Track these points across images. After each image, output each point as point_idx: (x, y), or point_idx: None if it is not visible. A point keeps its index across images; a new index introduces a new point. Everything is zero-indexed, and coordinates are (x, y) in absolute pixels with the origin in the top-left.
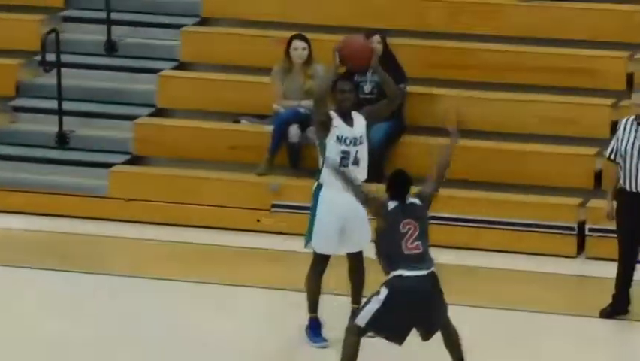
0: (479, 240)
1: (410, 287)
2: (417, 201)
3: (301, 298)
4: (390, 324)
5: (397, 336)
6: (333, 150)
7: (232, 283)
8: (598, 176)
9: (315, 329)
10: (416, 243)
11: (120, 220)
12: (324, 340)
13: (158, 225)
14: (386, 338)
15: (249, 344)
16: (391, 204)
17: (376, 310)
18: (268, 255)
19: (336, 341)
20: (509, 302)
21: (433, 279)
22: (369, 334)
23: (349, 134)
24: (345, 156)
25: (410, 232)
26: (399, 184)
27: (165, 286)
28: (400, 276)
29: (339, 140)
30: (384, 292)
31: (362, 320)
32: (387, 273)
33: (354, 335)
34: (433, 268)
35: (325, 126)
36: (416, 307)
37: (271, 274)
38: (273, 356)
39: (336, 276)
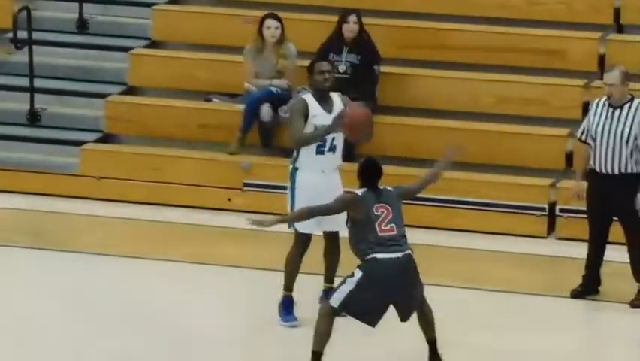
0: (450, 220)
1: (385, 270)
2: (389, 188)
3: (272, 277)
4: (364, 306)
5: (370, 318)
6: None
7: (203, 262)
8: (569, 157)
9: (287, 307)
10: (390, 225)
11: (91, 198)
12: (295, 319)
13: (129, 203)
14: (359, 319)
15: (219, 323)
16: (362, 192)
17: (350, 291)
18: (239, 234)
19: (307, 320)
20: (480, 282)
21: (408, 262)
22: (342, 313)
23: (327, 121)
24: (321, 143)
25: (383, 215)
26: (370, 172)
27: (136, 265)
28: (375, 259)
29: (317, 129)
30: (358, 274)
31: (336, 300)
32: (362, 259)
33: (327, 315)
34: (408, 251)
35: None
36: (391, 290)
37: (242, 253)
38: (243, 334)
39: (308, 255)
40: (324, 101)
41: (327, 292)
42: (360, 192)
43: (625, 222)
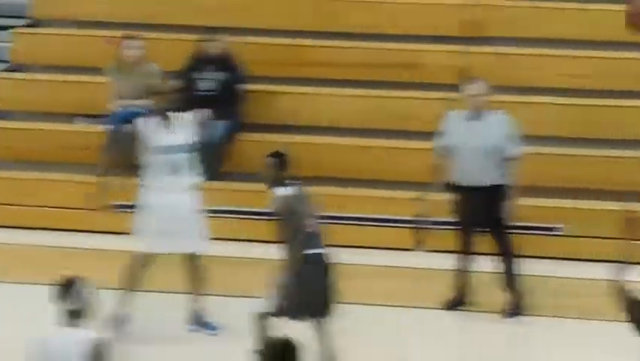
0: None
1: (310, 265)
2: (297, 182)
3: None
4: (296, 304)
5: (300, 313)
6: (152, 159)
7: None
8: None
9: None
10: (312, 220)
11: None
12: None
13: (3, 228)
14: (293, 318)
15: None
16: (281, 190)
17: (280, 292)
18: (114, 255)
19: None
20: (352, 297)
21: (327, 256)
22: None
23: (166, 142)
24: (162, 165)
25: (305, 210)
26: (283, 164)
27: (12, 290)
28: (304, 255)
29: (157, 149)
30: (285, 272)
31: (268, 307)
32: (289, 255)
33: (261, 320)
34: (325, 248)
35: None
36: (314, 283)
37: (109, 273)
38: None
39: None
40: (167, 122)
41: (196, 314)
42: (281, 190)
43: (493, 233)
